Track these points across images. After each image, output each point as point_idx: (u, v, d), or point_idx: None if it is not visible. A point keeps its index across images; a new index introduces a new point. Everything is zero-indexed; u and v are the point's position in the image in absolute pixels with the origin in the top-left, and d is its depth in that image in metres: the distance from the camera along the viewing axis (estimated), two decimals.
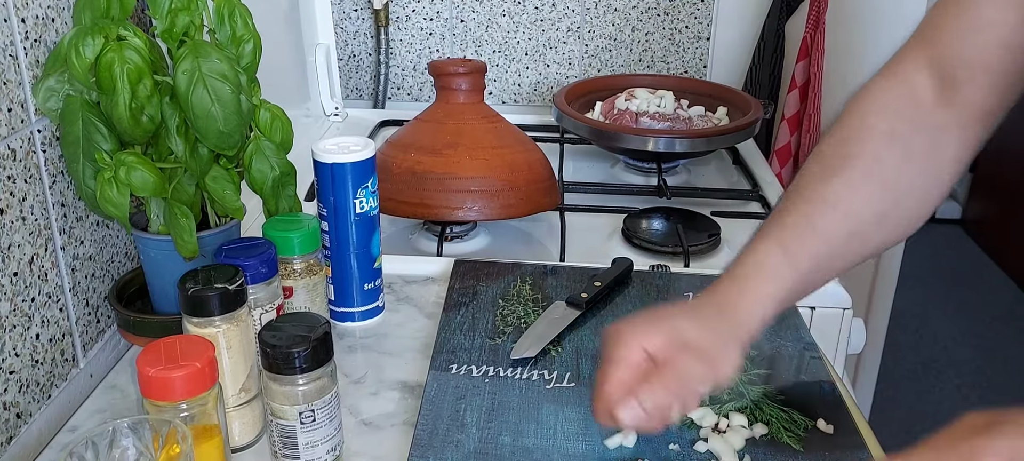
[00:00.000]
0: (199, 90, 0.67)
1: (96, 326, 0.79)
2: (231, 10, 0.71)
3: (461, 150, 0.98)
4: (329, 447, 0.62)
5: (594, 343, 0.78)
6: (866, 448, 0.65)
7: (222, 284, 0.63)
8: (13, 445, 0.67)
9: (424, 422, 0.67)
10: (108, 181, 0.67)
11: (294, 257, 0.75)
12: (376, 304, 0.85)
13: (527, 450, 0.64)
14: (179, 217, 0.70)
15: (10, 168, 0.66)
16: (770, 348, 0.77)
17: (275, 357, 0.59)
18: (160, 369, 0.56)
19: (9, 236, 0.66)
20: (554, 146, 1.35)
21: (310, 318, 0.62)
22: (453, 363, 0.74)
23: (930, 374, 2.50)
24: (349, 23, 1.56)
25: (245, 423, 0.67)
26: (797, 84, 1.54)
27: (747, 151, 1.35)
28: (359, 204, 0.79)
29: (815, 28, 1.50)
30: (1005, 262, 2.99)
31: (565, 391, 0.71)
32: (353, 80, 1.60)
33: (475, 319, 0.81)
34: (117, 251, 0.82)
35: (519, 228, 1.10)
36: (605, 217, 1.11)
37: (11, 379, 0.67)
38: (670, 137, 1.17)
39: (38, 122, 0.70)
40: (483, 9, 1.53)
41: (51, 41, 0.71)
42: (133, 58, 0.66)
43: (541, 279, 0.89)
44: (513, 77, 1.58)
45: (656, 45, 1.56)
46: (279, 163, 0.76)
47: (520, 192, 0.99)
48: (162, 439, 0.54)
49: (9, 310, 0.66)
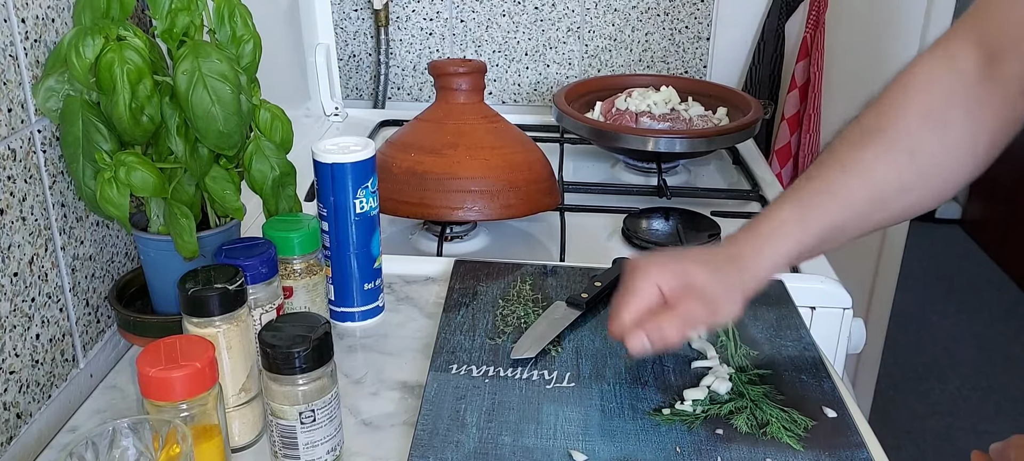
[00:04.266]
0: (199, 90, 0.67)
1: (96, 326, 0.79)
2: (231, 10, 0.71)
3: (461, 150, 0.98)
4: (329, 447, 0.62)
5: (594, 343, 0.78)
6: (866, 448, 0.65)
7: (222, 284, 0.63)
8: (13, 445, 0.67)
9: (424, 422, 0.67)
10: (108, 181, 0.67)
11: (294, 257, 0.75)
12: (376, 304, 0.85)
13: (527, 450, 0.64)
14: (179, 217, 0.70)
15: (10, 168, 0.66)
16: (770, 348, 0.77)
17: (275, 357, 0.59)
18: (160, 369, 0.56)
19: (9, 236, 0.66)
20: (554, 146, 1.35)
21: (310, 318, 0.62)
22: (453, 363, 0.74)
23: (930, 374, 2.50)
24: (349, 23, 1.56)
25: (245, 423, 0.67)
26: (797, 84, 1.54)
27: (747, 151, 1.35)
28: (359, 204, 0.79)
29: (815, 28, 1.50)
30: (1005, 262, 3.00)
31: (565, 391, 0.71)
32: (353, 80, 1.60)
33: (475, 319, 0.81)
34: (117, 251, 0.82)
35: (519, 228, 1.10)
36: (605, 217, 1.11)
37: (11, 379, 0.67)
38: (670, 137, 1.17)
39: (38, 122, 0.70)
40: (483, 9, 1.53)
41: (51, 41, 0.71)
42: (133, 58, 0.66)
43: (541, 279, 0.89)
44: (513, 77, 1.58)
45: (656, 45, 1.56)
46: (279, 163, 0.76)
47: (520, 192, 0.99)
48: (162, 439, 0.54)
49: (9, 310, 0.66)
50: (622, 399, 0.70)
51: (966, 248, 3.19)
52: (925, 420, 2.32)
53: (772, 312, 0.83)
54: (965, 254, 3.16)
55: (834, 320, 0.92)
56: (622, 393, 0.71)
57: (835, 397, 0.71)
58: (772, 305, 0.84)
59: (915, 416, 2.33)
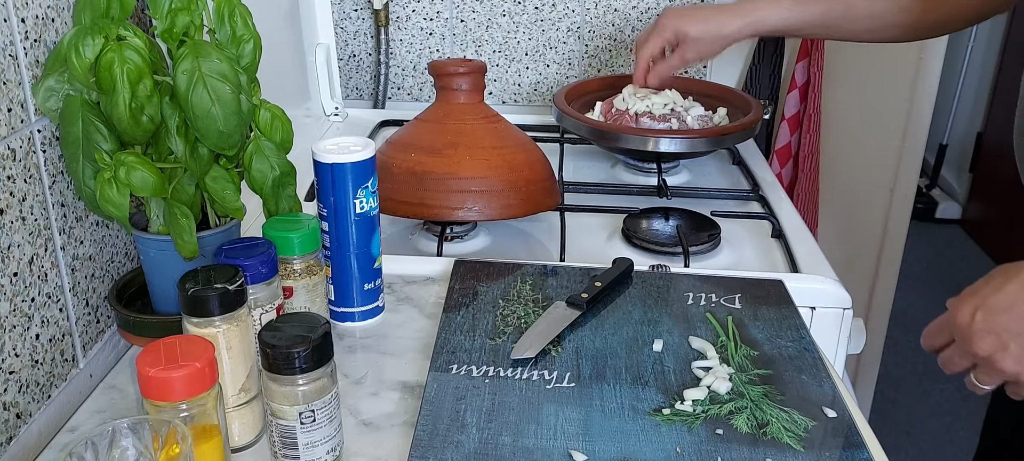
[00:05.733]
0: (199, 90, 0.67)
1: (96, 326, 0.79)
2: (231, 10, 0.71)
3: (461, 150, 0.98)
4: (329, 447, 0.62)
5: (594, 343, 0.78)
6: (866, 448, 0.65)
7: (222, 284, 0.63)
8: (13, 445, 0.67)
9: (424, 422, 0.67)
10: (108, 181, 0.67)
11: (294, 257, 0.75)
12: (376, 304, 0.85)
13: (527, 450, 0.64)
14: (179, 217, 0.70)
15: (10, 168, 0.66)
16: (770, 348, 0.77)
17: (275, 357, 0.59)
18: (160, 369, 0.56)
19: (9, 236, 0.66)
20: (554, 146, 1.35)
21: (310, 318, 0.62)
22: (453, 363, 0.74)
23: (930, 374, 2.50)
24: (349, 23, 1.56)
25: (245, 423, 0.67)
26: (797, 84, 1.54)
27: (747, 151, 1.35)
28: (359, 204, 0.79)
29: None
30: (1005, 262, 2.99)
31: (565, 391, 0.71)
32: (353, 80, 1.60)
33: (475, 319, 0.81)
34: (117, 251, 0.82)
35: (519, 228, 1.10)
36: (605, 217, 1.11)
37: (11, 379, 0.67)
38: (670, 137, 1.17)
39: (38, 122, 0.70)
40: (483, 9, 1.53)
41: (51, 41, 0.71)
42: (133, 58, 0.66)
43: (541, 279, 0.89)
44: (513, 77, 1.58)
45: None
46: (279, 163, 0.76)
47: (520, 192, 0.99)
48: (162, 439, 0.54)
49: (9, 310, 0.66)
50: (622, 399, 0.70)
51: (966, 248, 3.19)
52: (925, 420, 2.32)
53: (772, 312, 0.83)
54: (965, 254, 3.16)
55: (834, 320, 0.92)
56: (622, 393, 0.71)
57: (835, 397, 0.71)
58: (772, 305, 0.84)
59: (915, 416, 2.33)
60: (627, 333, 0.79)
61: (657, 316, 0.82)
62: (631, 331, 0.79)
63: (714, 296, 0.86)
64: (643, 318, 0.82)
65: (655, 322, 0.81)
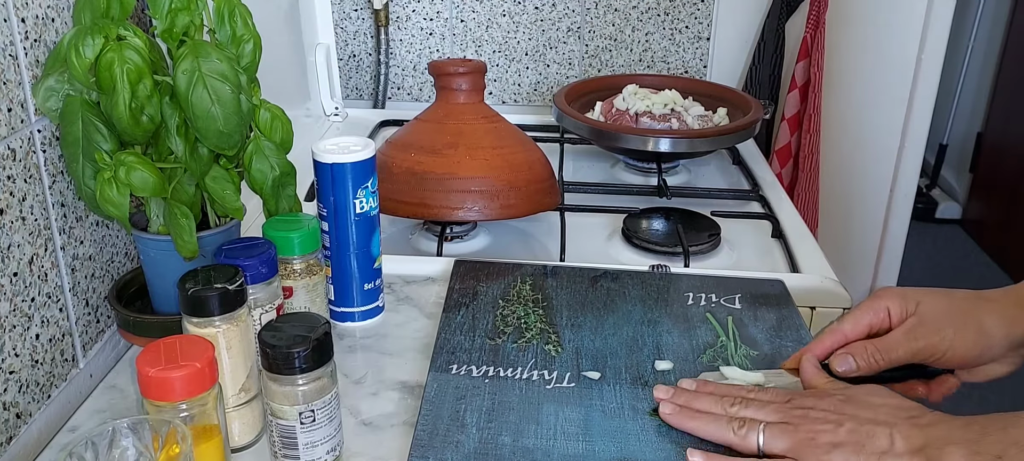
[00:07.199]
0: (199, 90, 0.67)
1: (96, 326, 0.79)
2: (231, 10, 0.71)
3: (461, 150, 0.98)
4: (329, 447, 0.62)
5: (594, 343, 0.78)
6: None
7: (222, 284, 0.63)
8: (13, 445, 0.67)
9: (424, 422, 0.67)
10: (108, 181, 0.67)
11: (294, 257, 0.75)
12: (376, 304, 0.85)
13: (527, 450, 0.64)
14: (179, 217, 0.70)
15: (10, 168, 0.66)
16: (770, 348, 0.77)
17: (275, 357, 0.59)
18: (160, 369, 0.56)
19: (9, 236, 0.66)
20: (554, 146, 1.35)
21: (310, 318, 0.62)
22: (453, 363, 0.74)
23: None
24: (349, 23, 1.56)
25: (245, 423, 0.67)
26: (797, 84, 1.54)
27: (747, 151, 1.35)
28: (359, 204, 0.79)
29: (815, 28, 1.50)
30: (1005, 262, 2.99)
31: (565, 391, 0.71)
32: (353, 80, 1.60)
33: (475, 319, 0.81)
34: (117, 251, 0.82)
35: (519, 228, 1.10)
36: (605, 217, 1.11)
37: (11, 379, 0.67)
38: (670, 137, 1.17)
39: (38, 122, 0.70)
40: (483, 9, 1.53)
41: (51, 41, 0.71)
42: (133, 58, 0.66)
43: (541, 279, 0.89)
44: (513, 77, 1.58)
45: (656, 45, 1.56)
46: (279, 163, 0.76)
47: (520, 192, 0.99)
48: (162, 439, 0.54)
49: (9, 310, 0.66)
50: (622, 399, 0.70)
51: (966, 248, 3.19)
52: None
53: (772, 312, 0.83)
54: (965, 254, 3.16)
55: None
56: (622, 393, 0.70)
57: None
58: (772, 305, 0.84)
59: None
60: (627, 333, 0.79)
61: (657, 316, 0.82)
62: (631, 331, 0.79)
63: (714, 296, 0.86)
64: (643, 318, 0.82)
65: (655, 322, 0.81)
